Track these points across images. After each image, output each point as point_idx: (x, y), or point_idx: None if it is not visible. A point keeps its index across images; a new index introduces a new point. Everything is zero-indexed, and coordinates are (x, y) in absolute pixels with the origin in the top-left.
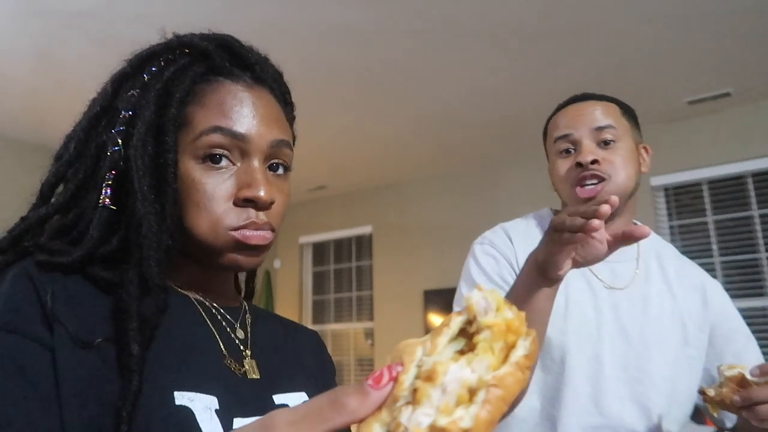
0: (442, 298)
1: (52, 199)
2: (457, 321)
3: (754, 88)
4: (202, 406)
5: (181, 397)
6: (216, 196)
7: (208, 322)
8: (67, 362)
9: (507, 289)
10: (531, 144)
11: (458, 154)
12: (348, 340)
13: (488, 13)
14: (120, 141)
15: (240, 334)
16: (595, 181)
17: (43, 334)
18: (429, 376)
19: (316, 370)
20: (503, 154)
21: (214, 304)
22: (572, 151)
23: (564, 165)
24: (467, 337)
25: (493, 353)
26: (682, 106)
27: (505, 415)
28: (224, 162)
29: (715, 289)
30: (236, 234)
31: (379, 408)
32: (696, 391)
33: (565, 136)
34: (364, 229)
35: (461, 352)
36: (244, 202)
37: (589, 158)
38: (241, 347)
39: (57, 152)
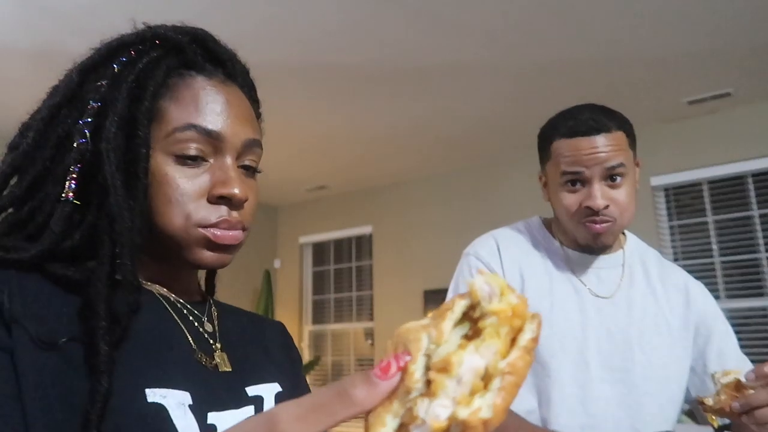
0: (442, 298)
1: (5, 191)
2: (460, 305)
3: (754, 88)
4: (176, 402)
5: (153, 395)
6: (189, 193)
7: (175, 316)
8: (28, 364)
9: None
10: (532, 144)
11: (458, 154)
12: (348, 340)
13: (489, 13)
14: (87, 133)
15: (208, 327)
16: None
17: (1, 336)
18: (444, 368)
19: (284, 361)
20: (503, 154)
21: (180, 300)
22: (579, 185)
23: (572, 200)
24: (470, 320)
25: (500, 338)
26: (682, 106)
27: None
28: (197, 159)
29: (697, 289)
30: (207, 232)
31: (389, 398)
32: (684, 389)
33: (575, 173)
34: (364, 229)
35: (466, 337)
36: (218, 200)
37: (602, 204)
38: (210, 341)
39: (12, 141)
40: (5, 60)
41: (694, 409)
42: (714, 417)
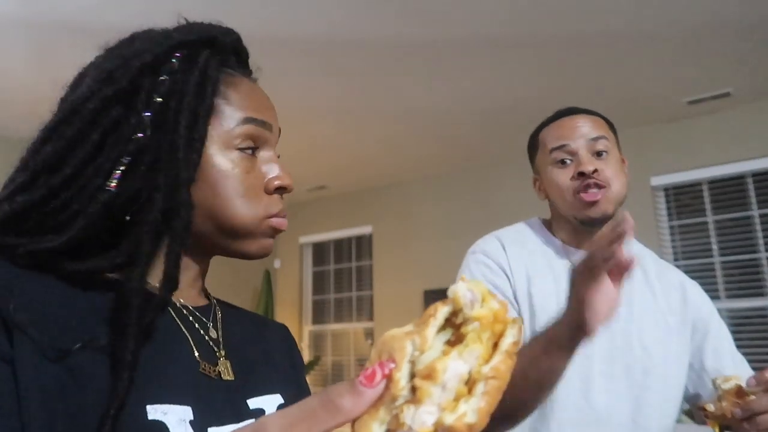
0: (442, 299)
1: (43, 178)
2: (443, 311)
3: (754, 88)
4: (177, 418)
5: (155, 411)
6: (252, 186)
7: (180, 324)
8: (31, 375)
9: (498, 294)
10: None
11: (458, 153)
12: (348, 340)
13: (490, 13)
14: (148, 126)
15: (212, 333)
16: (596, 189)
17: (1, 346)
18: (429, 374)
19: (287, 367)
20: (503, 154)
21: (186, 305)
22: (568, 161)
23: (563, 174)
24: (452, 326)
25: (482, 343)
26: (682, 106)
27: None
28: (252, 152)
29: (693, 288)
30: (272, 222)
31: (375, 405)
32: (683, 385)
33: (561, 147)
34: (364, 229)
35: (449, 342)
36: (275, 191)
37: (591, 168)
38: (215, 348)
39: (51, 125)
40: (5, 60)
41: (692, 409)
42: (716, 424)
